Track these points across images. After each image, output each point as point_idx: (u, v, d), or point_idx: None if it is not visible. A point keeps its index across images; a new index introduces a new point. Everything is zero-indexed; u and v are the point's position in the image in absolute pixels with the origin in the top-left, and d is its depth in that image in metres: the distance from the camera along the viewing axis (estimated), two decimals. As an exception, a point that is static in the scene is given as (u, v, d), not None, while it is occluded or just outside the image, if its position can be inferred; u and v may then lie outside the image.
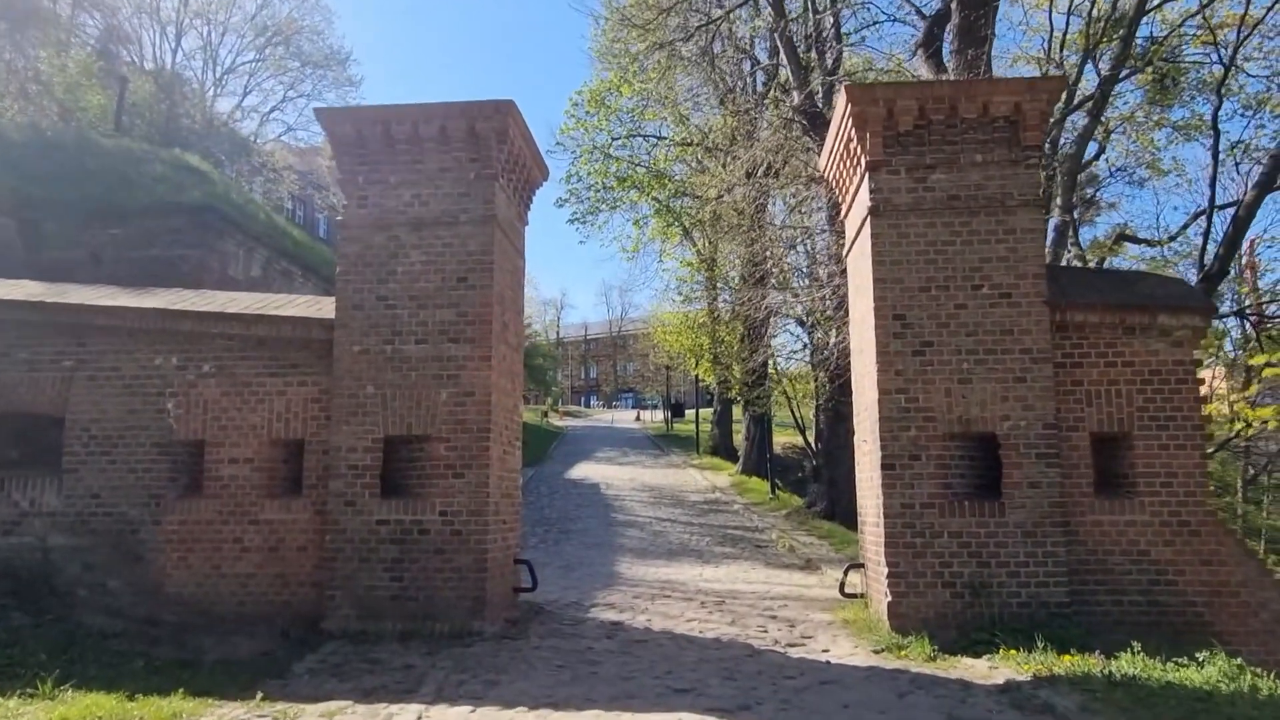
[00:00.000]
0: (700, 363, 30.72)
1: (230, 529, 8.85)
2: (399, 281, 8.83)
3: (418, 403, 8.64)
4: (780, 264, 18.79)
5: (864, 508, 9.19)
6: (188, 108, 31.76)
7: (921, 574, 8.04)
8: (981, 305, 8.30)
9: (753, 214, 18.26)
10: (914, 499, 8.14)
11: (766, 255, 18.31)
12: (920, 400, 8.25)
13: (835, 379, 16.98)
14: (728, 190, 20.37)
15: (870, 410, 8.64)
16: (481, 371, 8.64)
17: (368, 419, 8.66)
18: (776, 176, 18.72)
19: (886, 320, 8.38)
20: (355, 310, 8.83)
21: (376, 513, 8.53)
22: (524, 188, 9.93)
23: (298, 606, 8.71)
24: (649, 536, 17.20)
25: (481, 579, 8.37)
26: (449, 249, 8.84)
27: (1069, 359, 8.38)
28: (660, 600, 10.50)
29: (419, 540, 8.46)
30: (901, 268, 8.42)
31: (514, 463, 9.53)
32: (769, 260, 18.06)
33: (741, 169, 19.39)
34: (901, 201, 8.49)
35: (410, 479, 8.70)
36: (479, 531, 8.44)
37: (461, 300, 8.75)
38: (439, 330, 8.73)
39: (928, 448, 8.19)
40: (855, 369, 9.60)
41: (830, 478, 19.42)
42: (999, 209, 8.39)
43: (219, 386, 9.07)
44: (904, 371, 8.30)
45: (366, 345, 8.77)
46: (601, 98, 29.28)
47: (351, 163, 9.04)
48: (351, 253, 8.94)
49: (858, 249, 9.20)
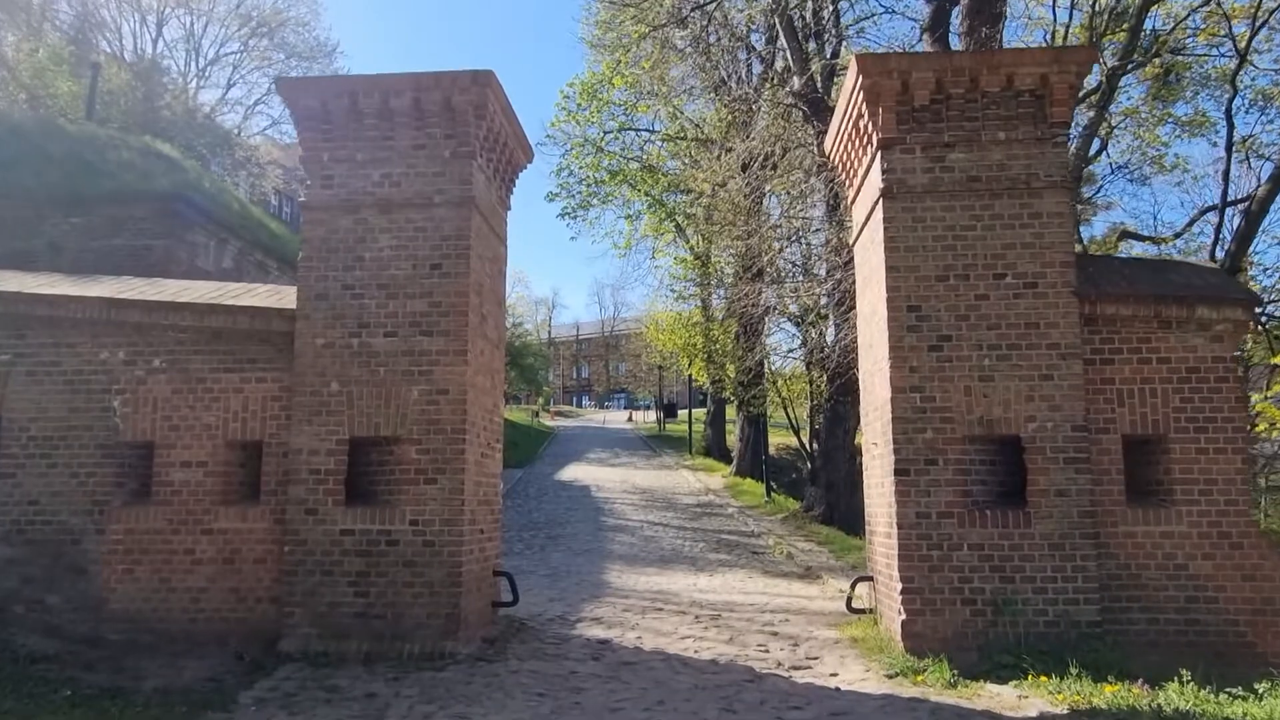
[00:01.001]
0: (694, 362, 30.00)
1: (181, 539, 8.08)
2: (367, 268, 8.08)
3: (386, 401, 7.88)
4: (777, 259, 18.08)
5: (873, 516, 8.47)
6: (168, 99, 30.88)
7: (939, 590, 7.32)
8: (1004, 296, 7.59)
9: (748, 208, 17.53)
10: (930, 507, 7.42)
11: (763, 249, 17.59)
12: (937, 399, 7.53)
13: (836, 378, 16.27)
14: (721, 185, 19.68)
15: (881, 410, 7.92)
16: (456, 367, 7.89)
17: (331, 419, 7.90)
18: (774, 169, 18.02)
19: (900, 312, 7.66)
20: (318, 300, 8.07)
21: (340, 522, 7.77)
22: (505, 169, 9.18)
23: (254, 624, 7.94)
24: (640, 542, 16.46)
25: (455, 595, 7.62)
26: (422, 233, 8.09)
27: (1099, 355, 7.67)
28: (652, 614, 9.76)
29: (387, 552, 7.71)
30: (917, 255, 7.70)
31: (493, 467, 8.78)
32: (766, 254, 17.34)
33: (737, 161, 18.68)
34: (917, 183, 7.77)
35: (378, 485, 7.95)
36: (453, 542, 7.69)
37: (435, 289, 8.00)
38: (410, 322, 7.98)
39: (945, 451, 7.47)
40: (864, 366, 8.88)
41: (828, 481, 18.71)
42: (1023, 191, 7.67)
43: (170, 383, 8.29)
44: (919, 368, 7.58)
45: (330, 338, 8.01)
46: (593, 90, 28.55)
47: (315, 139, 8.27)
48: (315, 237, 8.18)
49: (867, 235, 8.48)
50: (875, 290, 8.15)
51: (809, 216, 16.38)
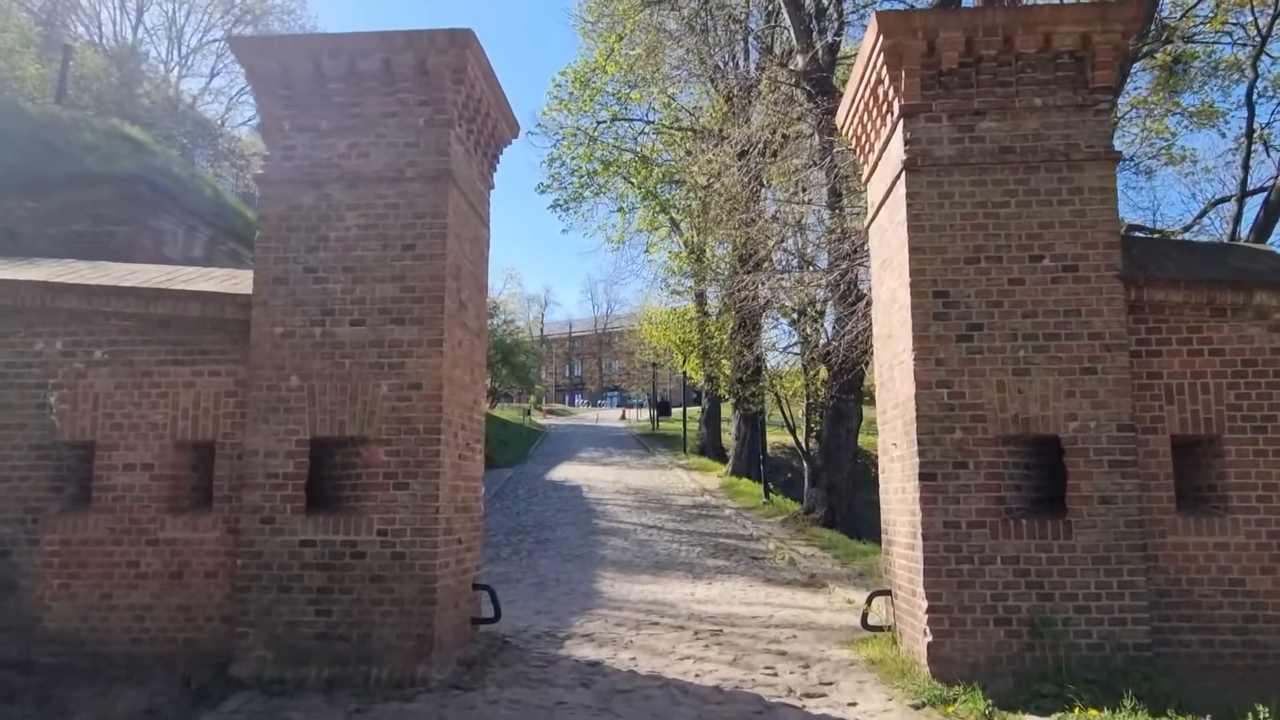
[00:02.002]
0: (688, 359, 29.21)
1: (124, 550, 7.26)
2: (331, 249, 7.26)
3: (352, 397, 7.07)
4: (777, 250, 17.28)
5: (892, 524, 7.69)
6: (148, 87, 29.97)
7: (969, 608, 6.54)
8: (1041, 280, 6.81)
9: (746, 197, 16.73)
10: (959, 516, 6.64)
11: (762, 240, 16.79)
12: (967, 395, 6.75)
13: (842, 374, 15.49)
14: (717, 176, 18.90)
15: (903, 408, 7.13)
16: (430, 359, 7.08)
17: (291, 417, 7.08)
18: (774, 156, 17.24)
19: (925, 298, 6.87)
20: (277, 284, 7.25)
21: (300, 531, 6.95)
22: (488, 143, 8.37)
23: (205, 646, 7.13)
24: (633, 546, 15.66)
25: (428, 613, 6.81)
26: (393, 210, 7.28)
27: (1144, 346, 6.89)
28: (647, 629, 8.96)
29: (352, 566, 6.90)
30: (943, 234, 6.92)
31: (473, 469, 7.97)
32: (769, 240, 16.55)
33: (734, 149, 17.90)
34: (943, 154, 6.98)
35: (342, 491, 7.14)
36: (426, 554, 6.88)
37: (407, 272, 7.19)
38: (379, 309, 7.17)
39: (976, 453, 6.69)
40: (880, 359, 8.10)
41: (830, 482, 17.94)
42: (1063, 163, 6.89)
43: (113, 377, 7.47)
44: (947, 361, 6.80)
45: (290, 327, 7.19)
46: (586, 79, 27.73)
47: (275, 106, 7.45)
48: (273, 215, 7.36)
49: (886, 215, 7.69)
50: (895, 275, 7.37)
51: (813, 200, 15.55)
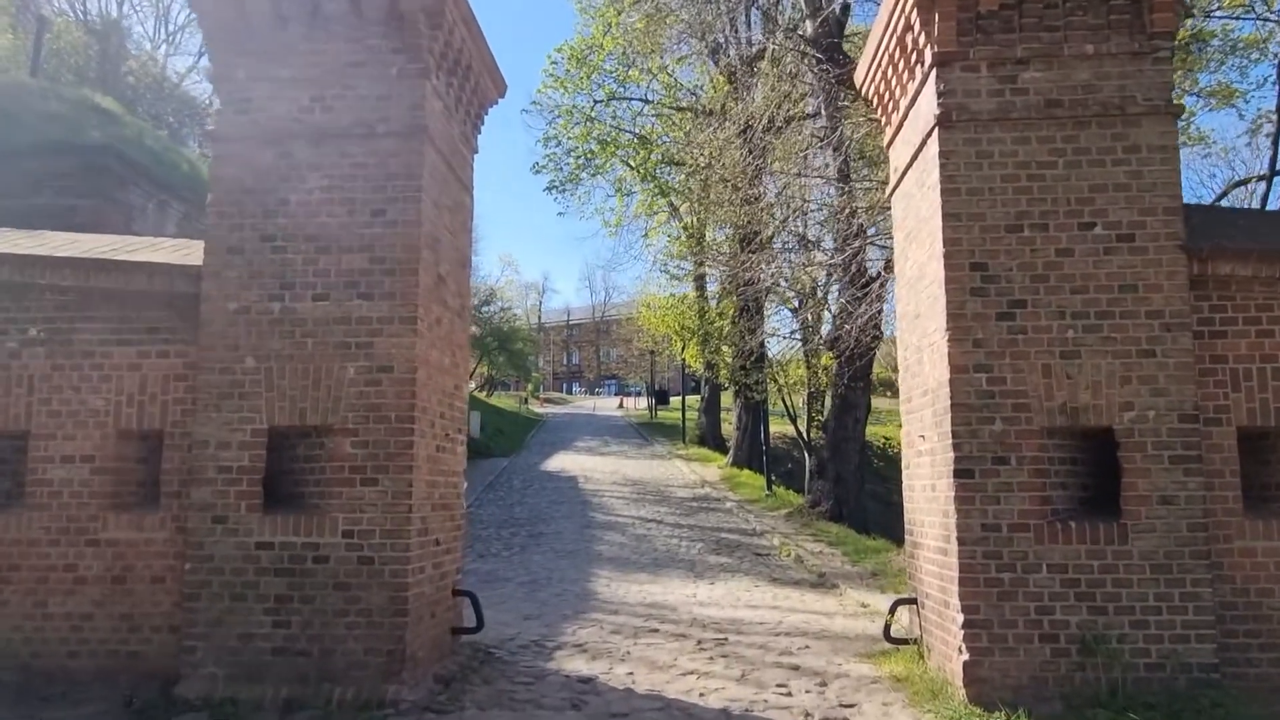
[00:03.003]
0: (688, 346, 28.42)
1: (61, 552, 6.48)
2: (292, 215, 6.46)
3: (315, 381, 6.28)
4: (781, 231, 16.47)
5: (919, 526, 6.92)
6: (133, 64, 29.02)
7: (1011, 622, 5.78)
8: (1093, 251, 6.02)
9: (750, 177, 15.89)
10: (1000, 518, 5.86)
11: (765, 219, 15.99)
12: (1008, 381, 5.97)
13: (853, 360, 14.70)
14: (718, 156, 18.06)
15: (934, 396, 6.35)
16: (403, 338, 6.29)
17: (245, 403, 6.29)
18: (779, 132, 16.40)
19: (961, 272, 6.08)
20: (231, 254, 6.45)
21: (255, 532, 6.18)
22: (470, 101, 7.55)
23: (150, 660, 6.37)
24: (631, 542, 14.91)
25: (400, 625, 6.04)
26: (361, 171, 6.47)
27: (1208, 326, 6.11)
28: (645, 637, 8.21)
29: (313, 571, 6.12)
30: (981, 199, 6.12)
31: (453, 462, 7.19)
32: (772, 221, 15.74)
33: (736, 127, 17.06)
34: (981, 108, 6.18)
35: (304, 487, 6.36)
36: (397, 559, 6.11)
37: (377, 241, 6.39)
38: (345, 282, 6.37)
39: (1019, 447, 5.91)
40: (907, 341, 7.31)
41: (837, 474, 17.19)
42: (1117, 119, 6.09)
43: (49, 358, 6.67)
44: (985, 342, 6.01)
45: (245, 302, 6.40)
46: (583, 55, 26.85)
47: (228, 53, 6.63)
48: (227, 176, 6.55)
49: (913, 179, 6.89)
50: (925, 246, 6.57)
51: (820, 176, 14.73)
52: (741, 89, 18.99)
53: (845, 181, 14.67)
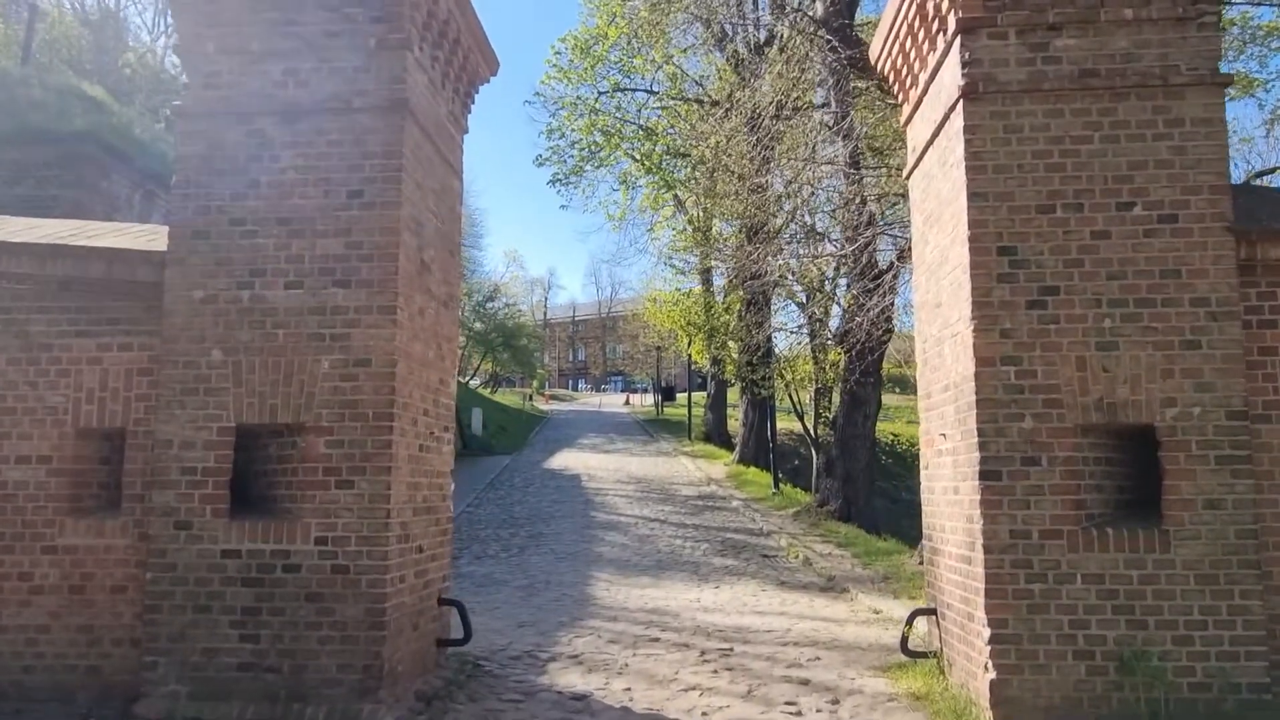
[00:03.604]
0: (694, 341, 27.91)
1: (15, 560, 6.03)
2: (263, 196, 5.99)
3: (286, 376, 5.82)
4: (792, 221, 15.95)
5: (939, 531, 6.43)
6: (131, 57, 28.59)
7: (1042, 638, 5.29)
8: (1132, 233, 5.52)
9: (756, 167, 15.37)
10: (1030, 524, 5.37)
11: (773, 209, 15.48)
12: (1039, 375, 5.48)
13: (865, 354, 14.19)
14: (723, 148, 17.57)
15: (957, 391, 5.86)
16: (382, 329, 5.82)
17: (211, 399, 5.83)
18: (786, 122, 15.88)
19: (987, 255, 5.58)
20: (197, 239, 5.99)
21: (222, 539, 5.72)
22: (458, 77, 7.08)
23: (110, 675, 5.92)
24: (634, 543, 14.44)
25: (377, 639, 5.58)
26: (337, 149, 6.00)
27: (1257, 314, 5.61)
28: (645, 647, 7.73)
29: (284, 581, 5.66)
30: (1010, 177, 5.62)
31: (438, 462, 6.72)
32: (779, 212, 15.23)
33: (743, 115, 16.55)
34: (1011, 78, 5.67)
35: (275, 490, 5.90)
36: (375, 567, 5.64)
37: (354, 225, 5.92)
38: (320, 268, 5.90)
39: (1051, 447, 5.42)
40: (926, 332, 6.82)
41: (846, 472, 16.68)
42: (1159, 90, 5.59)
43: (3, 351, 6.22)
44: (1014, 332, 5.52)
45: (212, 290, 5.93)
46: (587, 46, 26.38)
47: (196, 23, 6.16)
48: (193, 155, 6.08)
49: (934, 158, 6.39)
50: (947, 229, 6.08)
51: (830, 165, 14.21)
52: (748, 75, 18.49)
53: (855, 169, 14.15)
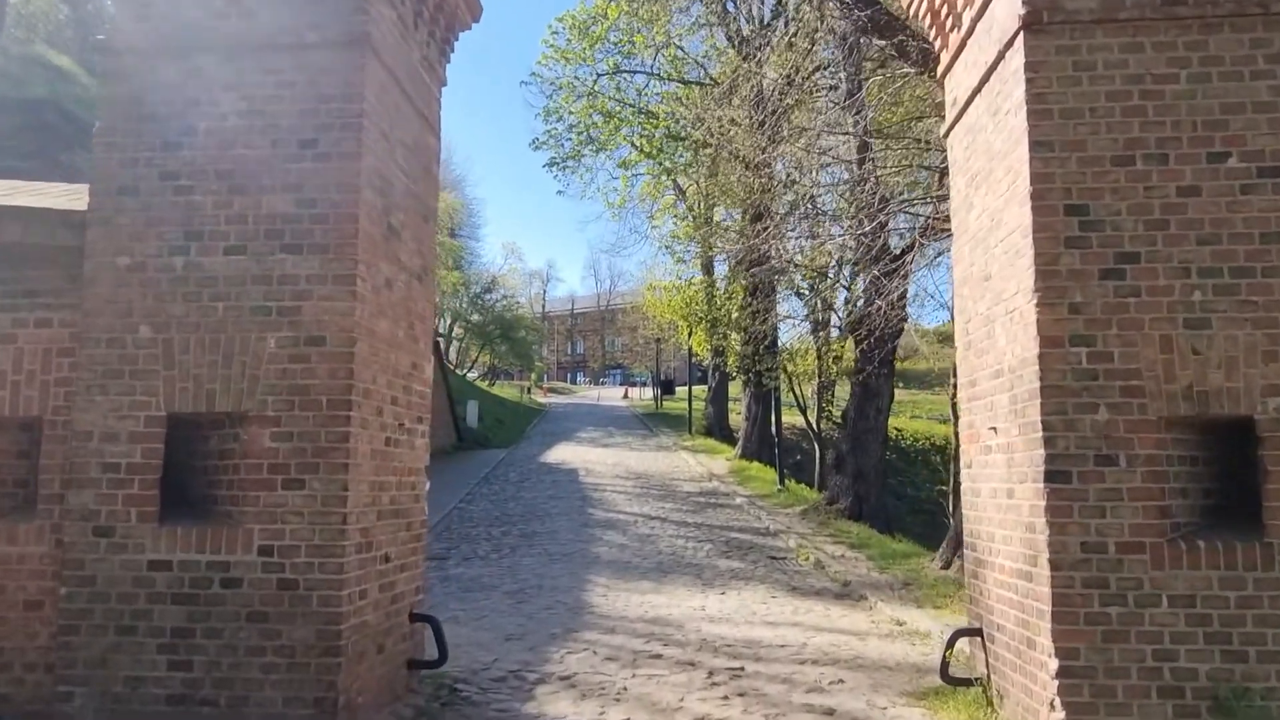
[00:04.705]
0: (694, 332, 27.05)
1: (-86, 569, 5.18)
2: (200, 147, 5.13)
3: (226, 356, 4.96)
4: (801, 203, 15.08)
5: (985, 541, 5.57)
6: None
7: (1121, 671, 4.43)
8: (1226, 189, 4.65)
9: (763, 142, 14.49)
10: (1105, 535, 4.52)
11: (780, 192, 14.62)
12: (1116, 358, 4.62)
13: (883, 342, 13.33)
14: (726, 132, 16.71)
15: (1013, 377, 5.00)
16: (338, 302, 4.96)
17: (139, 384, 4.98)
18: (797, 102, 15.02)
19: (1054, 216, 4.72)
20: (123, 196, 5.12)
21: (149, 548, 4.87)
22: (434, 17, 6.20)
23: (23, 704, 5.07)
24: (633, 543, 13.60)
25: (330, 666, 4.73)
26: (288, 90, 5.13)
27: (1370, 288, 4.75)
28: (646, 666, 6.89)
29: (222, 597, 4.81)
30: (1081, 123, 4.75)
31: (410, 459, 5.86)
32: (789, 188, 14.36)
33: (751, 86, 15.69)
34: (1081, 6, 4.80)
35: (215, 490, 5.04)
36: (328, 581, 4.79)
37: (307, 179, 5.05)
38: (266, 231, 5.04)
39: (1130, 443, 4.56)
40: (971, 311, 5.95)
41: (857, 468, 15.84)
42: (1258, 20, 4.72)
43: (-97, 327, 5.36)
44: (1086, 306, 4.66)
45: (140, 256, 5.07)
46: (586, 26, 25.47)
47: (123, -56, 5.30)
48: (120, 97, 5.22)
49: (984, 106, 5.52)
50: (1000, 188, 5.21)
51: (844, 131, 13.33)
52: (753, 52, 17.62)
53: (870, 140, 13.28)
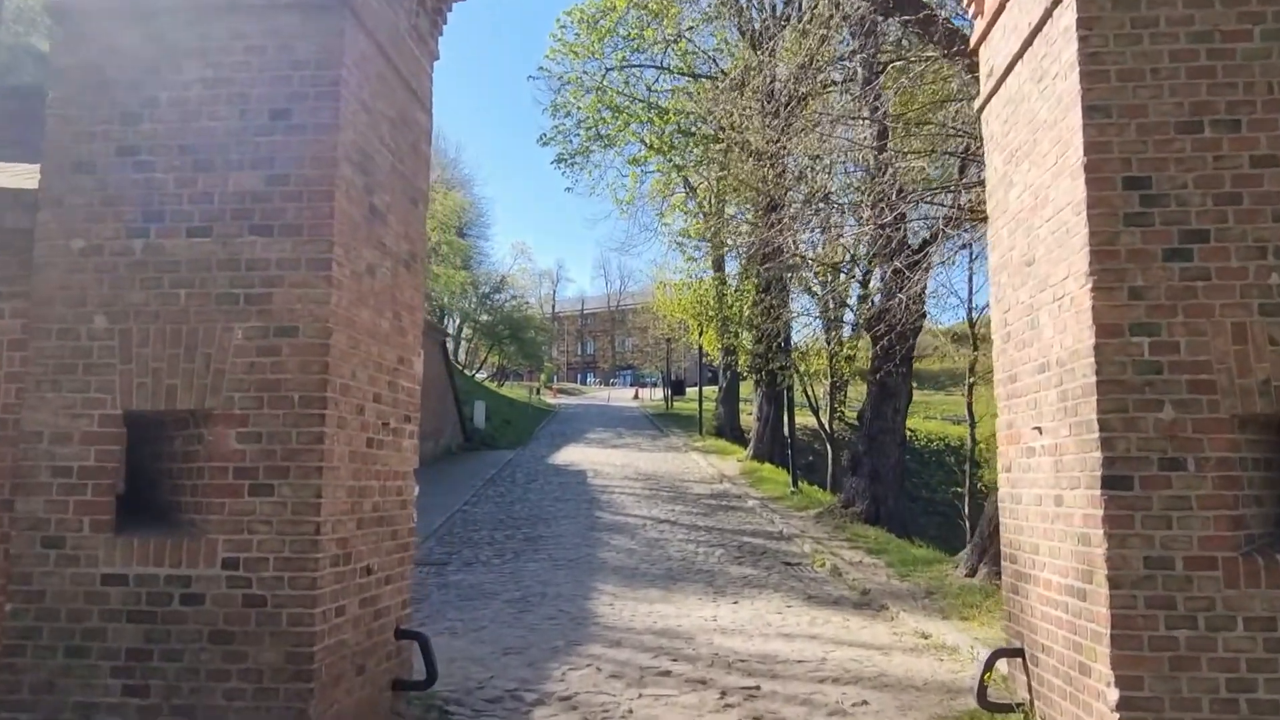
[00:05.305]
0: (705, 331, 26.56)
1: None
2: (162, 119, 4.66)
3: (189, 349, 4.49)
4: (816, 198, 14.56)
5: (1026, 553, 5.05)
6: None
7: (1191, 703, 3.92)
8: (1307, 158, 4.13)
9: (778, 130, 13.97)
10: (1172, 549, 4.00)
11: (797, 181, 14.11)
12: (1183, 349, 4.10)
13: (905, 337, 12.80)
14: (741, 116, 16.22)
15: (1065, 371, 4.48)
16: (312, 289, 4.49)
17: (94, 379, 4.51)
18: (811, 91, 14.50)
19: (1111, 190, 4.20)
20: (78, 174, 4.66)
21: (103, 560, 4.40)
22: (424, -16, 5.73)
23: (-33, 733, 4.61)
24: (641, 547, 13.10)
25: (301, 692, 4.26)
26: (257, 57, 4.66)
27: None
28: (653, 685, 6.39)
29: (182, 615, 4.34)
30: (1141, 86, 4.23)
31: (396, 462, 5.38)
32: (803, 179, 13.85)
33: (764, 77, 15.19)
34: (1140, -45, 4.29)
35: (180, 495, 4.58)
36: (299, 598, 4.31)
37: (278, 153, 4.58)
38: (234, 211, 4.57)
39: (1199, 445, 4.04)
40: (1012, 299, 5.42)
41: (873, 470, 15.30)
42: (1341, -34, 4.20)
43: None
44: (1148, 291, 4.14)
45: (96, 239, 4.61)
46: (594, 20, 25.04)
47: (79, -103, 4.84)
48: (74, 66, 4.76)
49: (1026, 73, 5.00)
50: (1046, 161, 4.70)
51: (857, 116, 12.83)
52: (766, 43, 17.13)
53: (885, 135, 12.78)
